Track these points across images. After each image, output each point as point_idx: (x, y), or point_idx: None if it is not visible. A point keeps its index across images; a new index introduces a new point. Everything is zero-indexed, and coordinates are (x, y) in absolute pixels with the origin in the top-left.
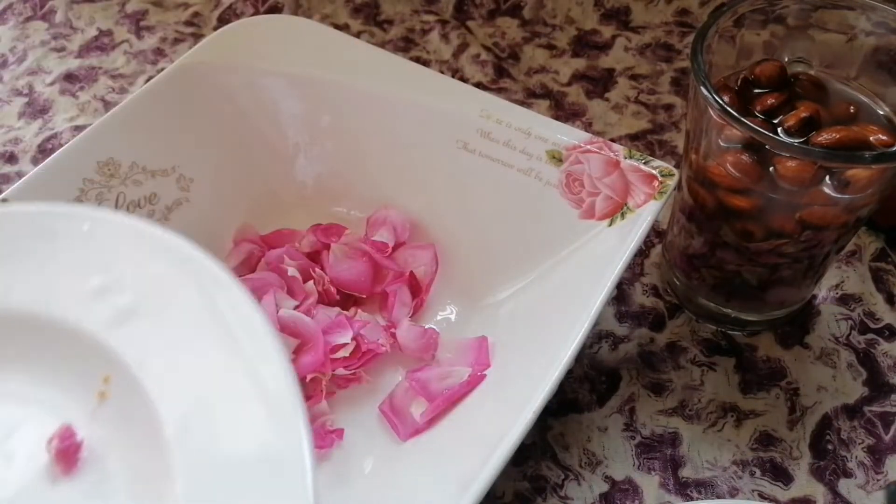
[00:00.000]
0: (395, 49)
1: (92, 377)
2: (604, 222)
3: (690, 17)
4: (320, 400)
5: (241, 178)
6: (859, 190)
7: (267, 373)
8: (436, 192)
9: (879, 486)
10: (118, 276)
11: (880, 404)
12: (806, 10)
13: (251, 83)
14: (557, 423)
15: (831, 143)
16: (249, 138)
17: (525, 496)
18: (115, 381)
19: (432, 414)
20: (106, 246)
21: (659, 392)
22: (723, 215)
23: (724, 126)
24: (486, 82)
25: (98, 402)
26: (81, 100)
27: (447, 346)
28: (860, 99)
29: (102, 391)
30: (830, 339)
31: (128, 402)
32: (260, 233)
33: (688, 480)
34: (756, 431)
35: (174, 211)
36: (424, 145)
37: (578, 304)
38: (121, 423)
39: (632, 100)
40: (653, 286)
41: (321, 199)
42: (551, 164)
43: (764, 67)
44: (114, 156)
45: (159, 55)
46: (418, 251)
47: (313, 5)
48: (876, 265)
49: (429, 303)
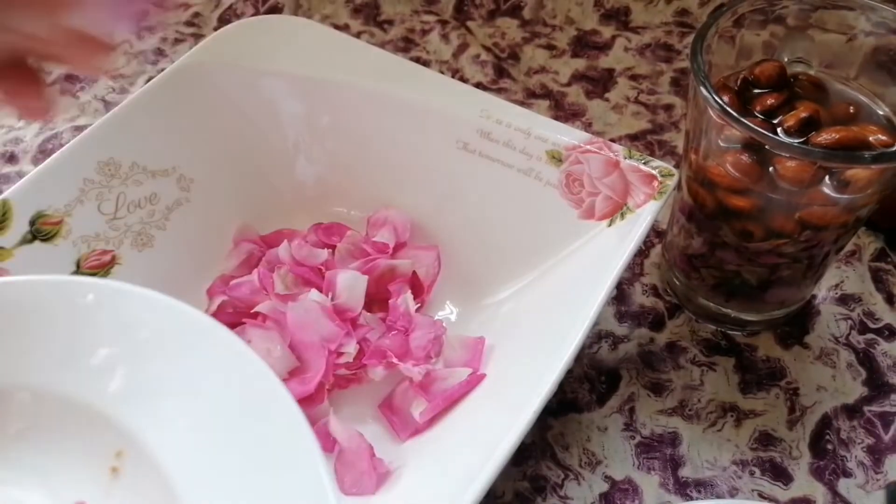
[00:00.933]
0: (395, 49)
1: (104, 452)
2: (603, 222)
3: (690, 18)
4: (322, 401)
5: (241, 178)
6: (859, 190)
7: (288, 445)
8: (436, 192)
9: (879, 485)
10: (127, 348)
11: (880, 404)
12: (806, 11)
13: (251, 83)
14: (557, 423)
15: (831, 143)
16: (249, 138)
17: (525, 496)
18: (128, 455)
19: (432, 414)
20: (113, 317)
21: (659, 392)
22: (722, 215)
23: (723, 126)
24: (486, 82)
25: (111, 477)
26: (82, 100)
27: (448, 344)
28: (860, 99)
29: (115, 466)
30: (830, 338)
31: (142, 477)
32: (260, 233)
33: (687, 480)
34: (756, 431)
35: (174, 211)
36: (424, 145)
37: (578, 304)
38: (135, 500)
39: (631, 100)
40: (652, 286)
41: (321, 199)
42: (551, 165)
43: (764, 67)
44: (114, 156)
45: (160, 55)
46: (421, 252)
47: (313, 5)
48: (875, 265)
49: (429, 303)
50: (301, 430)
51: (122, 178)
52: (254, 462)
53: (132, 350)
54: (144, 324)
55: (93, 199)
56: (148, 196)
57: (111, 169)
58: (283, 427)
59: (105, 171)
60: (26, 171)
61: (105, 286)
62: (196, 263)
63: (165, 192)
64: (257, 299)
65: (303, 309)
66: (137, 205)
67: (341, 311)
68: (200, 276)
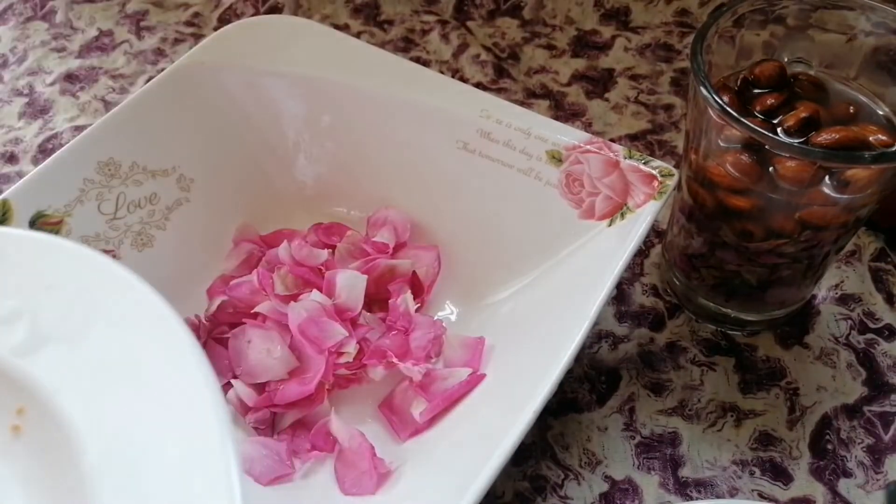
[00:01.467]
0: (395, 49)
1: (4, 410)
2: (603, 222)
3: (690, 18)
4: (322, 401)
5: (241, 178)
6: (859, 190)
7: (191, 393)
8: (436, 192)
9: (879, 485)
10: (29, 298)
11: (880, 404)
12: (806, 11)
13: (251, 83)
14: (557, 423)
15: (831, 143)
16: (249, 138)
17: (525, 496)
18: (29, 412)
19: (432, 414)
20: (17, 267)
21: (659, 392)
22: (722, 215)
23: (723, 126)
24: (486, 82)
25: (11, 435)
26: (82, 100)
27: (448, 344)
28: (860, 99)
29: (16, 424)
30: (830, 338)
31: (44, 433)
32: (260, 233)
33: (687, 480)
34: (756, 431)
35: (174, 211)
36: (424, 145)
37: (578, 303)
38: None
39: (631, 100)
40: (652, 286)
41: (321, 199)
42: (551, 165)
43: (764, 67)
44: (114, 156)
45: (160, 55)
46: (422, 252)
47: (313, 5)
48: (875, 265)
49: (429, 303)
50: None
51: (122, 178)
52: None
53: (34, 300)
54: (47, 271)
55: (93, 199)
56: (148, 196)
57: (111, 169)
58: (185, 370)
59: (105, 171)
60: (26, 171)
61: (3, 234)
62: (196, 263)
63: (165, 192)
64: (257, 299)
65: (303, 309)
66: (137, 205)
67: (341, 311)
68: (200, 276)
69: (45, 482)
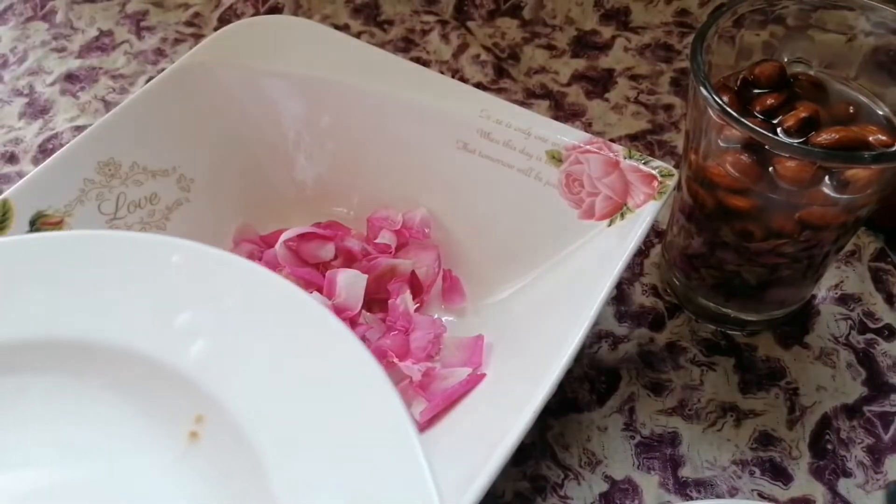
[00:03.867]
0: (395, 49)
1: (184, 416)
2: (603, 222)
3: (690, 18)
4: None
5: (241, 178)
6: (859, 190)
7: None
8: (436, 193)
9: (879, 485)
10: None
11: (880, 404)
12: (805, 11)
13: (251, 83)
14: (557, 423)
15: (831, 143)
16: (249, 138)
17: (525, 496)
18: (209, 420)
19: (432, 413)
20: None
21: (658, 392)
22: (722, 215)
23: (723, 126)
24: (486, 82)
25: (189, 441)
26: (82, 100)
27: (447, 344)
28: (859, 99)
29: (194, 431)
30: (830, 338)
31: (222, 443)
32: (260, 233)
33: (687, 480)
34: (755, 431)
35: (174, 211)
36: (424, 145)
37: (578, 304)
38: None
39: (631, 100)
40: (652, 286)
41: (321, 199)
42: (551, 165)
43: (763, 68)
44: (114, 156)
45: (160, 55)
46: (422, 252)
47: (313, 6)
48: (875, 265)
49: (429, 303)
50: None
51: (122, 178)
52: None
53: (215, 314)
54: (229, 289)
55: (93, 199)
56: (148, 196)
57: (111, 169)
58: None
59: (105, 171)
60: (26, 171)
61: (191, 248)
62: None
63: (165, 192)
64: None
65: None
66: (137, 205)
67: (341, 311)
68: None
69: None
